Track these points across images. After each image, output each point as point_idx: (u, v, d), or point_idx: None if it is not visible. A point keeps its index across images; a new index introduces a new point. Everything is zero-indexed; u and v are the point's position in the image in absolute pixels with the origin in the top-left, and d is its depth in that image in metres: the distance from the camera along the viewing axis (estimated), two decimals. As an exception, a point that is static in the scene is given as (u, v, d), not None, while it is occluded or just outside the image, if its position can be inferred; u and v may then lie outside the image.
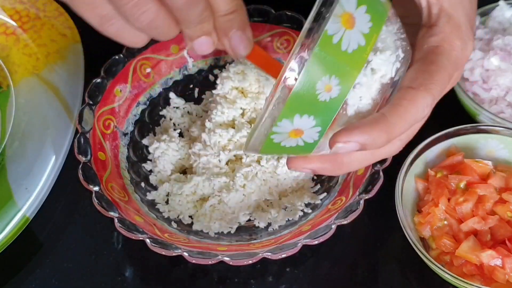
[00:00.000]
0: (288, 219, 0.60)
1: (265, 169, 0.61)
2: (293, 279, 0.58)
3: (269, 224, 0.60)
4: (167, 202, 0.62)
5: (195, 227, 0.60)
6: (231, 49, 0.47)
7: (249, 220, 0.61)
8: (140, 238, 0.53)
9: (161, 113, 0.69)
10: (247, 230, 0.60)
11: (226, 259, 0.52)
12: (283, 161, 0.61)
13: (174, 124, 0.68)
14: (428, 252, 0.55)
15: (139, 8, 0.42)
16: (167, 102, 0.70)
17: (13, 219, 0.59)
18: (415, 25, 0.48)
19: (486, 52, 0.65)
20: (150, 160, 0.65)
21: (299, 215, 0.60)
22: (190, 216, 0.61)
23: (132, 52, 0.67)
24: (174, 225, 0.60)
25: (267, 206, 0.62)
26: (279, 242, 0.55)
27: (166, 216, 0.61)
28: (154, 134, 0.67)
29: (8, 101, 0.67)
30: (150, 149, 0.65)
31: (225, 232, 0.60)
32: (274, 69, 0.51)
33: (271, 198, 0.61)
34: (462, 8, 0.47)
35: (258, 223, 0.60)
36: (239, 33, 0.46)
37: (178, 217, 0.61)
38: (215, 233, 0.60)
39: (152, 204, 0.62)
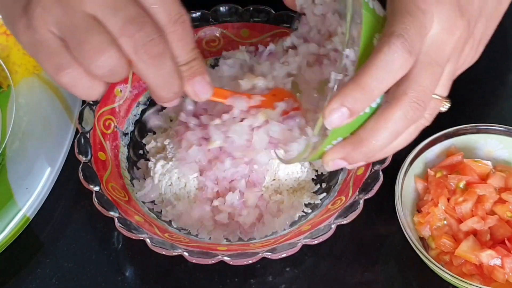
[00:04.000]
0: (288, 219, 0.60)
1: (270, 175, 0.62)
2: (293, 279, 0.58)
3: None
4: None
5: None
6: (194, 95, 0.49)
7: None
8: (140, 238, 0.53)
9: (161, 113, 0.69)
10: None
11: (226, 259, 0.52)
12: (283, 164, 0.61)
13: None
14: (427, 252, 0.55)
15: (100, 54, 0.43)
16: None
17: (14, 219, 0.59)
18: None
19: None
20: (149, 160, 0.65)
21: (299, 215, 0.60)
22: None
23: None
24: (174, 225, 0.60)
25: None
26: (279, 242, 0.55)
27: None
28: (154, 134, 0.67)
29: (9, 101, 0.67)
30: (147, 148, 0.65)
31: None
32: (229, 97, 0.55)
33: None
34: None
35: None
36: (199, 79, 0.48)
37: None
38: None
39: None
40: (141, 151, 0.66)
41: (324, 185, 0.63)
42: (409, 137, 0.49)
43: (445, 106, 0.51)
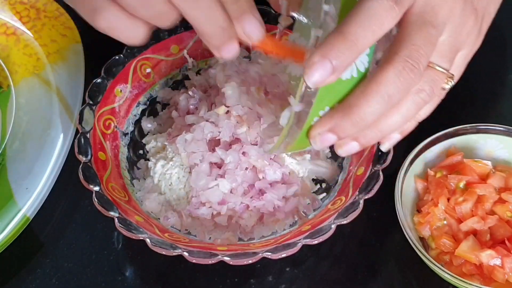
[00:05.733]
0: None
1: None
2: (293, 279, 0.58)
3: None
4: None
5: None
6: (246, 36, 0.45)
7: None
8: (140, 238, 0.53)
9: (161, 113, 0.69)
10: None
11: (226, 259, 0.52)
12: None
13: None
14: (427, 252, 0.55)
15: None
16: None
17: (14, 219, 0.59)
18: None
19: None
20: (149, 160, 0.65)
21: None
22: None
23: (133, 52, 0.67)
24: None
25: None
26: (279, 242, 0.55)
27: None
28: (154, 133, 0.67)
29: (9, 101, 0.67)
30: (147, 148, 0.65)
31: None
32: (293, 53, 0.49)
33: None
34: None
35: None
36: (249, 17, 0.45)
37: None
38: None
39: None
40: (141, 151, 0.66)
41: (324, 185, 0.63)
42: (408, 114, 0.45)
43: (449, 83, 0.47)
